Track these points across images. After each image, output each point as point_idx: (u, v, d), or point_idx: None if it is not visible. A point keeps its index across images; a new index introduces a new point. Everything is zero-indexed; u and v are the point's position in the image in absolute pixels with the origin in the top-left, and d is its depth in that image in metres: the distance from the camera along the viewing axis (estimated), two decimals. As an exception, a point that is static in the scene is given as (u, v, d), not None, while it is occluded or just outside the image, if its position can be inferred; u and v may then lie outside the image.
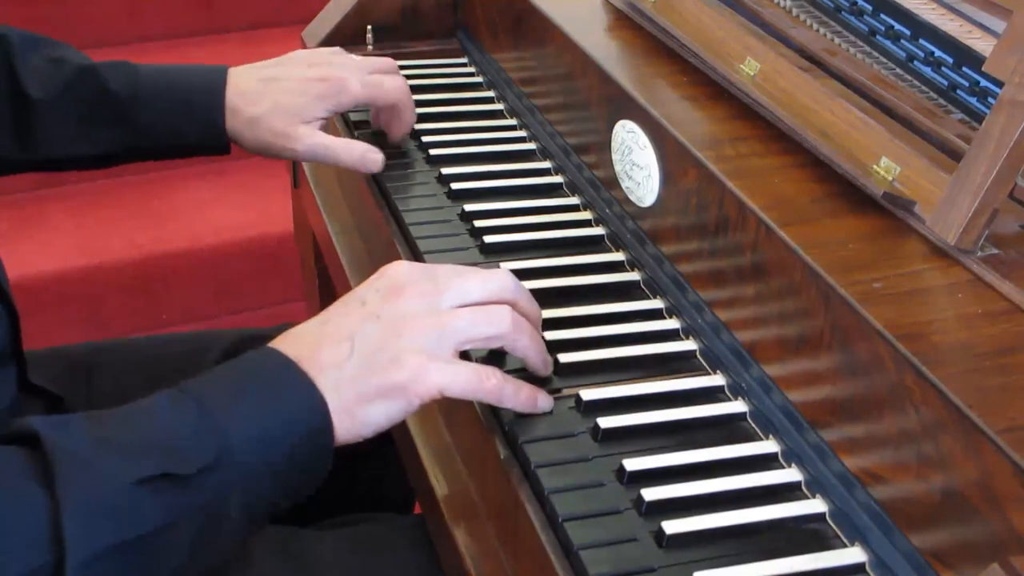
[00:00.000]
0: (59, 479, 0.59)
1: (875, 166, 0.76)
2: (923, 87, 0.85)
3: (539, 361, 0.75)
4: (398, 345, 0.68)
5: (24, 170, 1.03)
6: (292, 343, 0.69)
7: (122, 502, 0.60)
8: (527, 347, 0.73)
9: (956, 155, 0.74)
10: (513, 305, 0.73)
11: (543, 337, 0.77)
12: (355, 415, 0.68)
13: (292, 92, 0.99)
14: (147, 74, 1.01)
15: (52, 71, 0.99)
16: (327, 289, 1.33)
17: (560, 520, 0.66)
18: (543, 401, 0.74)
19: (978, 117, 0.80)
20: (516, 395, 0.72)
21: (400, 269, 0.73)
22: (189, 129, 1.00)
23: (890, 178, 0.75)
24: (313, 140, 0.99)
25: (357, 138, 1.07)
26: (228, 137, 1.01)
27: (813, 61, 0.88)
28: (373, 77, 1.01)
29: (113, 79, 0.99)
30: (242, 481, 0.64)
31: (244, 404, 0.65)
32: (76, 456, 0.60)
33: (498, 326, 0.71)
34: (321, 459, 0.67)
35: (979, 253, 0.70)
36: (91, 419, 0.64)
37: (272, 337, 1.12)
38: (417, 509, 0.98)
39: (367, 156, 0.99)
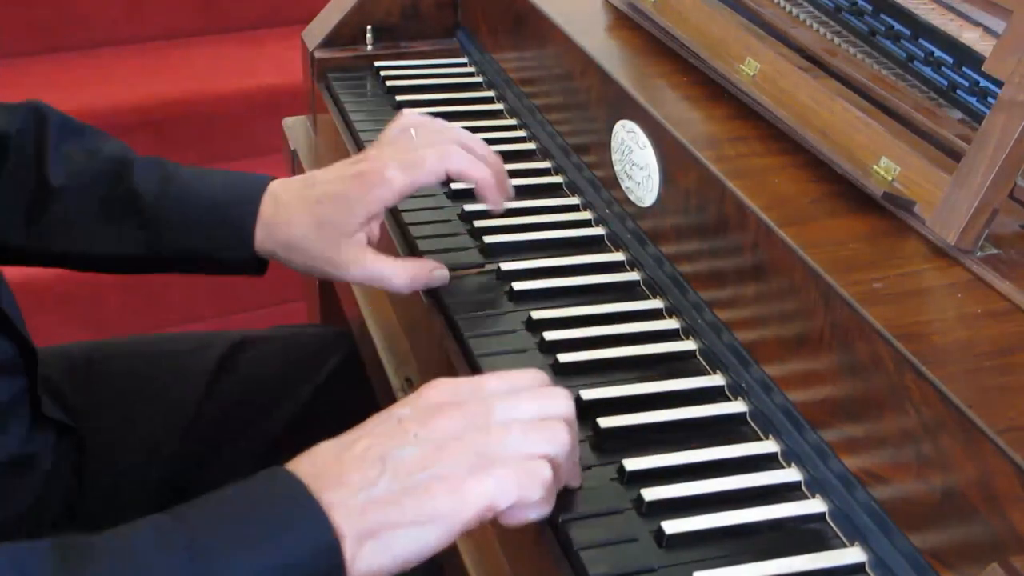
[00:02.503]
0: None
1: (875, 166, 0.76)
2: (923, 87, 0.85)
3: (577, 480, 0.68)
4: (437, 467, 0.60)
5: (38, 263, 0.95)
6: (313, 462, 0.61)
7: None
8: (572, 474, 0.67)
9: (956, 155, 0.74)
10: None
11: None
12: (381, 543, 0.59)
13: (329, 199, 0.87)
14: (182, 176, 0.92)
15: (83, 161, 0.92)
16: (327, 289, 1.33)
17: (560, 520, 0.66)
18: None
19: (978, 117, 0.80)
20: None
21: (442, 387, 0.65)
22: (215, 241, 0.90)
23: (890, 178, 0.75)
24: (363, 268, 0.87)
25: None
26: (260, 255, 0.90)
27: (813, 61, 0.88)
28: (411, 156, 0.87)
29: (144, 177, 0.91)
30: None
31: (242, 542, 0.57)
32: None
33: (556, 445, 0.63)
34: None
35: (979, 253, 0.70)
36: (62, 553, 0.56)
37: (271, 340, 1.13)
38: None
39: (432, 277, 0.87)
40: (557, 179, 1.02)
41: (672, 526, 0.65)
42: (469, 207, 0.96)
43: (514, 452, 0.61)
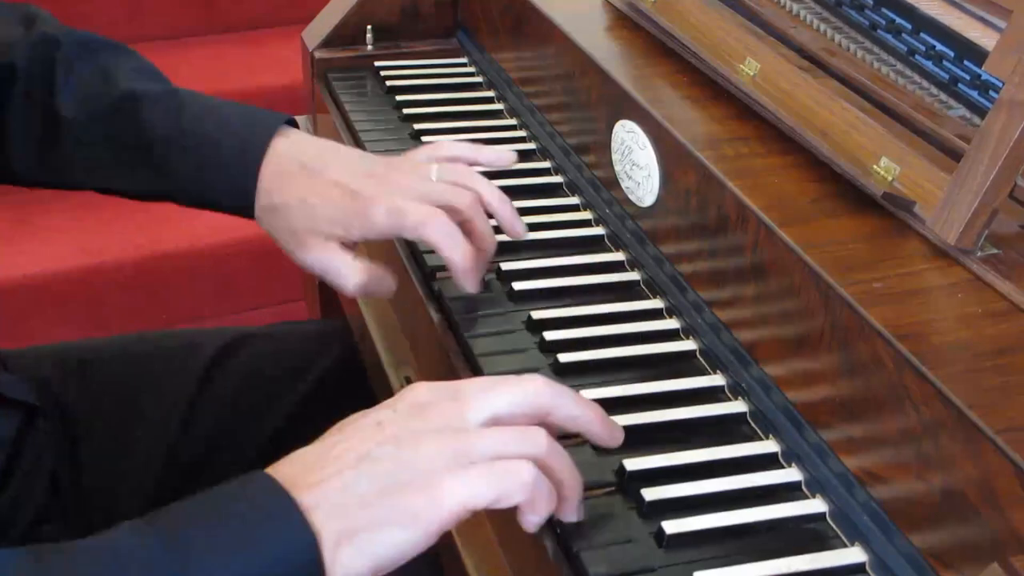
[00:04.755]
0: None
1: (875, 166, 0.76)
2: (924, 81, 0.85)
3: (576, 493, 0.65)
4: (414, 468, 0.60)
5: (43, 187, 0.97)
6: (293, 465, 0.61)
7: None
8: (565, 469, 0.64)
9: (956, 155, 0.74)
10: (551, 412, 0.65)
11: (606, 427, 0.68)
12: (359, 545, 0.58)
13: (321, 198, 0.86)
14: (191, 115, 0.92)
15: (95, 88, 0.92)
16: (327, 289, 1.33)
17: (560, 520, 0.66)
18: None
19: (980, 111, 0.80)
20: (551, 498, 0.62)
21: (421, 389, 0.65)
22: (221, 189, 0.91)
23: (890, 178, 0.75)
24: (322, 255, 0.87)
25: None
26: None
27: (813, 61, 0.88)
28: (403, 204, 0.84)
29: (155, 116, 0.91)
30: None
31: (218, 541, 0.57)
32: None
33: (532, 444, 0.62)
34: None
35: (979, 253, 0.70)
36: (33, 558, 0.56)
37: (267, 336, 1.13)
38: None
39: (381, 286, 0.88)
40: (557, 179, 1.02)
41: (672, 526, 0.65)
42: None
43: (491, 452, 0.61)
